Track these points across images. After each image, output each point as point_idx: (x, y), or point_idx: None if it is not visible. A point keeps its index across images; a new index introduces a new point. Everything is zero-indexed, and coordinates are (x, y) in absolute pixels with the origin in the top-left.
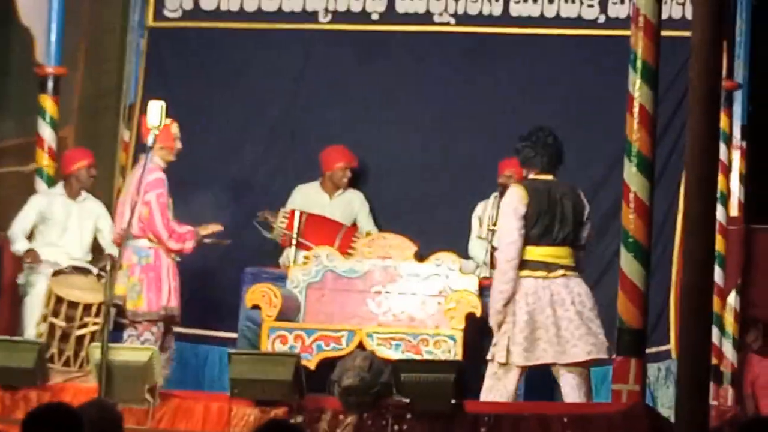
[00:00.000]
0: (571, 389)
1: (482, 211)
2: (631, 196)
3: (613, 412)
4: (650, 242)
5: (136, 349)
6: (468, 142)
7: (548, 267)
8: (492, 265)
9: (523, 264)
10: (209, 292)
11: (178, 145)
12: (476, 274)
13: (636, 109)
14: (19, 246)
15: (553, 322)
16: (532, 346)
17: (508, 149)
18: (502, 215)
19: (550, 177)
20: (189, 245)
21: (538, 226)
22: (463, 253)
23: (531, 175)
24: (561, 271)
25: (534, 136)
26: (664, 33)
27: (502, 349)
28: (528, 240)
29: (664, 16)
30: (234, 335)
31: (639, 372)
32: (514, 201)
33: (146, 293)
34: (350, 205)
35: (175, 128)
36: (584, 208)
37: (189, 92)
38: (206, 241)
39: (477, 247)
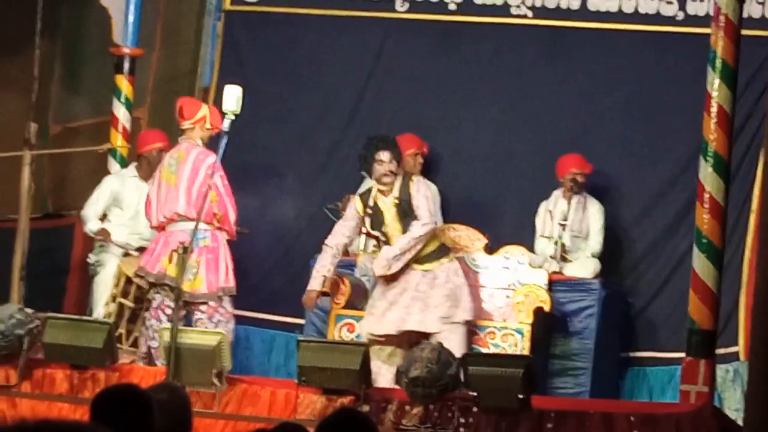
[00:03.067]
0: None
1: (545, 210)
2: (706, 196)
3: (681, 412)
4: (724, 243)
5: (205, 332)
6: (538, 137)
7: None
8: (562, 258)
9: None
10: (278, 277)
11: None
12: (545, 268)
13: (714, 109)
14: (92, 225)
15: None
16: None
17: (579, 145)
18: (430, 201)
19: None
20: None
21: None
22: (530, 248)
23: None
24: None
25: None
26: (743, 32)
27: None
28: None
29: (744, 15)
30: (301, 321)
31: (708, 373)
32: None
33: (206, 275)
34: None
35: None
36: None
37: (264, 77)
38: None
39: (542, 247)
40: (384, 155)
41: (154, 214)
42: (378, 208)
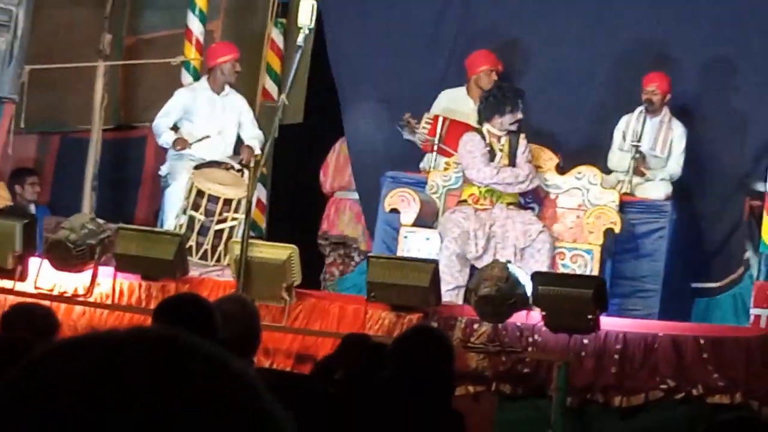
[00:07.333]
0: None
1: (626, 125)
2: None
3: (751, 336)
4: None
5: (275, 246)
6: (616, 55)
7: None
8: (637, 173)
9: None
10: None
11: None
12: (617, 189)
13: None
14: (166, 137)
15: None
16: None
17: (656, 64)
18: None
19: None
20: None
21: None
22: (603, 167)
23: None
24: None
25: None
26: None
27: None
28: None
29: None
30: None
31: None
32: None
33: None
34: None
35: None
36: None
37: None
38: None
39: (617, 159)
40: (521, 104)
41: (329, 181)
42: (493, 150)
